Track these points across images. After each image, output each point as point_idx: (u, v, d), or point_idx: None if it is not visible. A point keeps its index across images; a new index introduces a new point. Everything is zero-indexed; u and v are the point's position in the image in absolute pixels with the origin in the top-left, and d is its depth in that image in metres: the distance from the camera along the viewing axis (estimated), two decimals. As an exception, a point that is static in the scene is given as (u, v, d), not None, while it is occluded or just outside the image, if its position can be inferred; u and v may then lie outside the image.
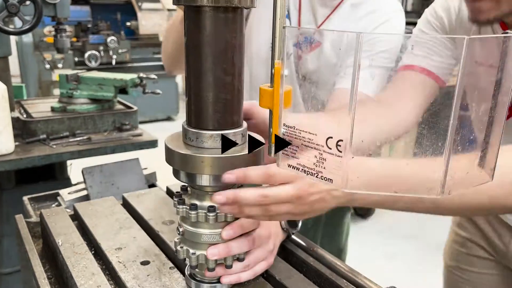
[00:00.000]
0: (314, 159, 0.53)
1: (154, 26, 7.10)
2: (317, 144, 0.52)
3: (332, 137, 0.51)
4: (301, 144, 0.54)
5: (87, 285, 0.81)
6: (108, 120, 1.98)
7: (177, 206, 0.77)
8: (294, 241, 1.00)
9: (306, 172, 0.55)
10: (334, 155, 0.51)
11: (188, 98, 0.73)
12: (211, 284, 0.81)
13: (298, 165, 0.55)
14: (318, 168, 0.53)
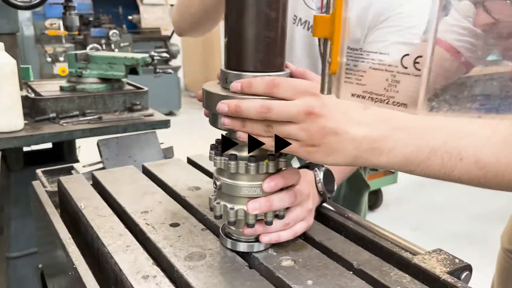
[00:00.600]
0: (385, 82, 0.48)
1: (156, 20, 7.04)
2: (389, 65, 0.47)
3: (408, 54, 0.46)
4: (369, 67, 0.49)
5: (115, 245, 0.75)
6: (118, 100, 1.93)
7: (214, 157, 0.71)
8: (327, 207, 0.95)
9: (374, 100, 0.49)
10: (411, 75, 0.46)
11: (228, 38, 0.68)
12: (248, 243, 0.75)
13: (365, 92, 0.50)
14: (389, 93, 0.48)
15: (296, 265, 0.71)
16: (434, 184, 4.71)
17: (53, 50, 5.93)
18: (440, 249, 0.78)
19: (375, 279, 0.68)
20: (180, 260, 0.71)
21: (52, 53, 5.92)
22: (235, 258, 0.73)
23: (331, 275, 0.69)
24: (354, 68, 0.51)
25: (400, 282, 0.67)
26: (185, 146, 2.48)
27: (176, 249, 0.75)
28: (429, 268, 0.71)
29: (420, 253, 0.78)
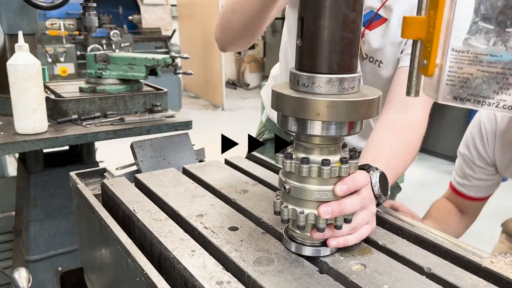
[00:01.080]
0: (495, 85, 0.47)
1: (157, 20, 7.02)
2: (501, 67, 0.46)
3: (525, 56, 0.45)
4: (477, 70, 0.48)
5: (180, 250, 0.74)
6: (139, 101, 1.91)
7: (284, 160, 0.70)
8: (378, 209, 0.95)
9: (481, 103, 0.49)
10: (526, 76, 0.45)
11: (303, 40, 0.66)
12: (314, 247, 0.74)
13: (470, 95, 0.49)
14: (500, 96, 0.47)
15: (367, 270, 0.71)
16: (437, 184, 4.74)
17: (53, 51, 5.88)
18: (505, 252, 0.77)
19: (451, 284, 0.67)
20: (250, 265, 0.70)
21: (53, 53, 5.87)
22: (304, 263, 0.72)
23: (405, 279, 0.68)
24: (458, 71, 0.50)
25: (477, 287, 0.67)
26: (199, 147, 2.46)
27: (242, 253, 0.73)
28: (501, 271, 0.70)
29: (484, 256, 0.77)
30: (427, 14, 0.53)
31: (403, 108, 1.13)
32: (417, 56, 0.55)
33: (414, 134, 1.12)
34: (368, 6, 1.24)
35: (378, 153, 1.02)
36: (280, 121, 0.71)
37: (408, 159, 1.09)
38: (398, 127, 1.11)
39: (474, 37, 0.48)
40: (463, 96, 0.50)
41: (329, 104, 0.64)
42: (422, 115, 1.15)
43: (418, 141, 1.13)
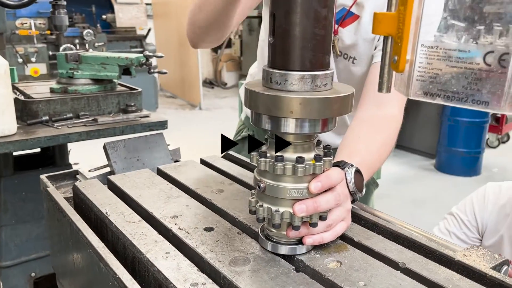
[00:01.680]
0: (464, 81, 0.47)
1: (131, 19, 6.91)
2: (470, 62, 0.47)
3: (493, 51, 0.45)
4: (446, 65, 0.48)
5: (154, 252, 0.72)
6: (112, 101, 1.87)
7: (259, 158, 0.70)
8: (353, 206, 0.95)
9: (450, 98, 0.49)
10: (495, 72, 0.45)
11: (275, 37, 0.66)
12: (290, 246, 0.74)
13: (440, 91, 0.49)
14: (468, 91, 0.47)
15: (343, 267, 0.71)
16: (413, 181, 4.82)
17: (24, 51, 5.73)
18: (477, 246, 0.79)
19: (425, 278, 0.68)
20: (225, 266, 0.69)
21: (23, 54, 5.72)
22: (280, 262, 0.71)
23: (380, 275, 0.68)
24: (428, 66, 0.50)
25: (451, 280, 0.67)
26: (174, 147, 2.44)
27: (217, 254, 0.72)
28: (474, 264, 0.72)
29: (457, 250, 0.78)
30: (397, 10, 0.53)
31: (378, 104, 1.14)
32: (388, 52, 0.55)
33: (390, 130, 1.13)
34: (341, 4, 1.25)
35: (353, 149, 1.02)
36: (254, 119, 0.70)
37: (384, 154, 1.10)
38: (373, 123, 1.12)
39: (446, 35, 0.48)
40: (433, 92, 0.50)
41: (302, 101, 0.63)
42: (397, 110, 1.16)
43: (393, 136, 1.14)
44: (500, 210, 1.44)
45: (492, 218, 1.44)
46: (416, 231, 0.87)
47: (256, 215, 0.72)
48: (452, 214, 1.54)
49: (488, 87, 0.46)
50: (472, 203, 1.50)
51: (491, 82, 0.46)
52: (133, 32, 6.99)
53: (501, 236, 1.42)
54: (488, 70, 0.46)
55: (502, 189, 1.47)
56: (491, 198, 1.46)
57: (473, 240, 1.48)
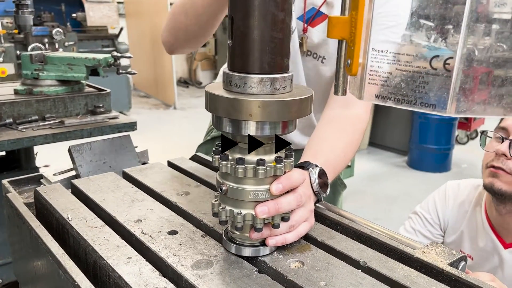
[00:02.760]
0: (412, 84, 0.49)
1: (102, 18, 6.78)
2: (417, 66, 0.48)
3: (438, 55, 0.46)
4: (395, 69, 0.50)
5: (115, 257, 0.72)
6: (80, 102, 1.84)
7: (220, 161, 0.70)
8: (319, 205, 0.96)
9: (400, 101, 0.50)
10: (440, 76, 0.47)
11: (234, 40, 0.66)
12: (254, 248, 0.74)
13: (390, 94, 0.50)
14: (417, 94, 0.49)
15: (305, 267, 0.71)
16: (386, 177, 4.91)
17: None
18: (436, 242, 0.81)
19: (385, 276, 0.69)
20: (188, 270, 0.69)
21: (-11, 54, 5.54)
22: (243, 264, 0.72)
23: (341, 274, 0.69)
24: (379, 70, 0.51)
25: (409, 277, 0.69)
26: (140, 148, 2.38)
27: (180, 257, 0.72)
28: (432, 261, 0.73)
29: (417, 247, 0.80)
30: (350, 14, 0.54)
31: (344, 103, 1.15)
32: (343, 55, 0.56)
33: (355, 129, 1.15)
34: (310, 3, 1.26)
35: (318, 150, 1.03)
36: (215, 122, 0.70)
37: (349, 154, 1.11)
38: (339, 122, 1.13)
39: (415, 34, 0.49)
40: (384, 95, 0.51)
41: (261, 104, 0.64)
42: (363, 110, 1.17)
43: (358, 136, 1.15)
44: (459, 207, 1.49)
45: (453, 215, 1.49)
46: (379, 230, 0.88)
47: (218, 218, 0.72)
48: (416, 213, 1.58)
49: (435, 90, 0.47)
50: (434, 202, 1.54)
51: (437, 86, 0.47)
52: (104, 31, 6.88)
53: (461, 232, 1.46)
54: (434, 74, 0.47)
55: (460, 187, 1.52)
56: (451, 196, 1.51)
57: (437, 237, 1.52)
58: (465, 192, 1.50)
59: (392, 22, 1.03)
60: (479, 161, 1.59)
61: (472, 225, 1.45)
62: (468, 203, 1.48)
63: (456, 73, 0.46)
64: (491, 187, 1.32)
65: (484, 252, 1.40)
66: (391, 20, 1.04)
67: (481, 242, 1.41)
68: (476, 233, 1.43)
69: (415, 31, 0.47)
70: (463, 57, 0.45)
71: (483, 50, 0.45)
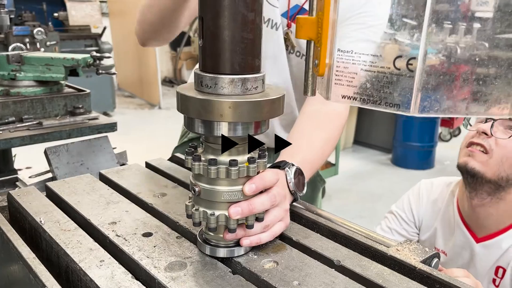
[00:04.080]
0: (377, 84, 0.49)
1: (85, 17, 6.72)
2: (381, 66, 0.48)
3: (401, 56, 0.47)
4: (360, 69, 0.50)
5: (88, 261, 0.71)
6: (59, 103, 1.81)
7: (193, 162, 0.69)
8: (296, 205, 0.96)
9: (366, 101, 0.50)
10: (404, 76, 0.47)
11: (204, 40, 0.66)
12: (228, 248, 0.74)
13: (356, 94, 0.51)
14: (382, 94, 0.49)
15: (279, 267, 0.71)
16: (371, 175, 4.95)
17: (-31, 51, 5.45)
18: (410, 240, 0.81)
19: (358, 274, 0.70)
20: (161, 272, 0.69)
21: (-31, 54, 5.44)
22: (217, 265, 0.71)
23: (315, 274, 0.70)
24: (344, 70, 0.51)
25: (381, 275, 0.70)
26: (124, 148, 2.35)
27: (154, 260, 0.72)
28: (405, 258, 0.74)
29: (392, 245, 0.81)
30: (317, 15, 0.54)
31: (323, 99, 1.15)
32: (311, 56, 0.56)
33: (333, 126, 1.14)
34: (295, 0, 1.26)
35: (296, 147, 1.03)
36: (187, 124, 0.70)
37: (327, 151, 1.11)
38: (317, 119, 1.13)
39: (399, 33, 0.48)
40: (350, 95, 0.52)
41: (232, 105, 0.64)
42: (343, 106, 1.17)
43: (337, 132, 1.15)
44: (433, 205, 1.51)
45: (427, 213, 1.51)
46: (355, 228, 0.89)
47: (192, 219, 0.72)
48: (392, 213, 1.60)
49: (399, 91, 0.48)
50: (408, 200, 1.56)
51: (401, 86, 0.47)
52: (87, 30, 6.80)
53: (435, 229, 1.48)
54: (398, 74, 0.47)
55: (433, 185, 1.55)
56: (425, 194, 1.54)
57: (413, 235, 1.54)
58: (438, 190, 1.53)
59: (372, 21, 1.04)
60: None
61: (445, 221, 1.47)
62: (441, 200, 1.50)
63: (419, 73, 0.46)
64: (464, 166, 1.34)
65: (458, 248, 1.42)
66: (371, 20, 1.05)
67: (454, 238, 1.43)
68: (449, 229, 1.45)
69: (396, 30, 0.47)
70: (426, 58, 0.45)
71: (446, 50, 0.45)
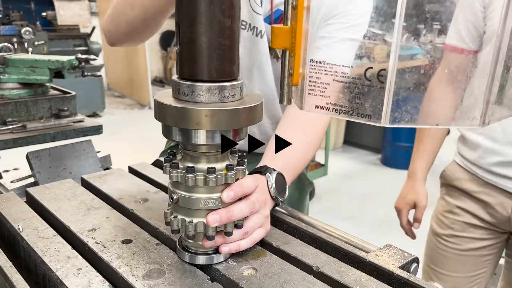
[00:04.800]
0: (349, 94, 0.49)
1: (74, 16, 6.66)
2: (353, 77, 0.48)
3: (372, 67, 0.47)
4: (333, 80, 0.50)
5: (65, 269, 0.70)
6: (43, 106, 1.79)
7: (170, 170, 0.69)
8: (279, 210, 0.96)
9: (338, 111, 0.50)
10: (374, 87, 0.47)
11: (181, 47, 0.65)
12: (207, 256, 0.74)
13: (329, 104, 0.51)
14: (353, 104, 0.49)
15: (258, 274, 0.71)
16: (360, 175, 4.97)
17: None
18: (390, 245, 0.82)
19: (336, 281, 0.70)
20: (139, 280, 0.68)
21: (-45, 54, 5.37)
22: (196, 272, 0.71)
23: (293, 281, 0.70)
24: (317, 81, 0.51)
25: (359, 281, 0.70)
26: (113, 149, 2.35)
27: (132, 267, 0.71)
28: (383, 264, 0.75)
29: (372, 250, 0.81)
30: (290, 25, 0.54)
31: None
32: (286, 65, 0.57)
33: (316, 128, 1.13)
34: (276, 5, 1.26)
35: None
36: (164, 132, 0.70)
37: (309, 153, 1.10)
38: (300, 122, 1.12)
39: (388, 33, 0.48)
40: (323, 105, 0.52)
41: (208, 113, 0.63)
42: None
43: (320, 135, 1.14)
44: None
45: None
46: (336, 233, 0.89)
47: (170, 227, 0.72)
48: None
49: (370, 101, 0.48)
50: None
51: (372, 97, 0.48)
52: (76, 30, 6.75)
53: None
54: (369, 85, 0.48)
55: None
56: None
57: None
58: None
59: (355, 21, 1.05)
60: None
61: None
62: None
63: (389, 85, 0.46)
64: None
65: None
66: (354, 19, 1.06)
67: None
68: None
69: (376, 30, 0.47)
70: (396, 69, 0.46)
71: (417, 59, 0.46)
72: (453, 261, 1.47)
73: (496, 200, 1.36)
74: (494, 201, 1.36)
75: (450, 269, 1.47)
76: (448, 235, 1.48)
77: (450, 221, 1.48)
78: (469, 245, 1.43)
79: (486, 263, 1.45)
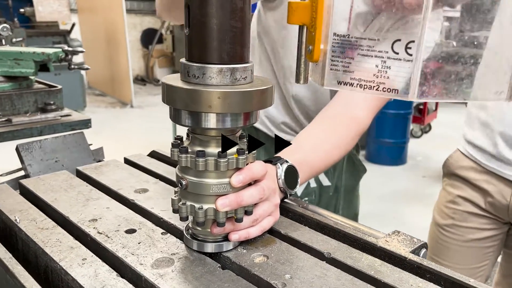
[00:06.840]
0: (374, 69, 0.48)
1: (53, 13, 6.52)
2: (379, 50, 0.47)
3: (400, 39, 0.46)
4: (357, 54, 0.49)
5: (69, 259, 0.67)
6: (29, 100, 1.74)
7: (179, 155, 0.67)
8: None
9: (363, 87, 0.49)
10: (402, 60, 0.46)
11: (190, 29, 0.63)
12: (216, 243, 0.72)
13: (353, 79, 0.49)
14: (379, 79, 0.48)
15: (269, 261, 0.70)
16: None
17: None
18: (398, 231, 0.81)
19: (350, 266, 0.69)
20: (147, 269, 0.66)
21: None
22: (206, 260, 0.69)
23: (306, 266, 0.68)
24: (340, 55, 0.50)
25: (373, 266, 0.69)
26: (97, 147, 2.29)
27: (139, 257, 0.69)
28: (395, 249, 0.74)
29: (380, 237, 0.81)
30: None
31: (346, 103, 1.10)
32: (304, 42, 0.55)
33: (348, 131, 1.08)
34: None
35: (300, 146, 0.98)
36: (173, 116, 0.67)
37: (335, 156, 1.05)
38: (332, 122, 1.08)
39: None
40: (347, 81, 0.50)
41: (221, 95, 0.61)
42: (364, 112, 1.10)
43: (350, 139, 1.08)
44: None
45: None
46: (342, 221, 0.88)
47: (179, 214, 0.69)
48: None
49: (397, 75, 0.47)
50: None
51: (400, 70, 0.47)
52: (55, 27, 6.61)
53: None
54: (396, 58, 0.46)
55: None
56: None
57: None
58: None
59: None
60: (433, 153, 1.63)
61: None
62: None
63: (417, 57, 0.45)
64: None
65: None
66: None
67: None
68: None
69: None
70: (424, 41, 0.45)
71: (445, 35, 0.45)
72: (455, 252, 1.47)
73: (495, 188, 1.37)
74: (493, 189, 1.38)
75: (452, 260, 1.48)
76: (449, 225, 1.49)
77: (451, 211, 1.49)
78: (470, 236, 1.44)
79: (488, 255, 1.46)
